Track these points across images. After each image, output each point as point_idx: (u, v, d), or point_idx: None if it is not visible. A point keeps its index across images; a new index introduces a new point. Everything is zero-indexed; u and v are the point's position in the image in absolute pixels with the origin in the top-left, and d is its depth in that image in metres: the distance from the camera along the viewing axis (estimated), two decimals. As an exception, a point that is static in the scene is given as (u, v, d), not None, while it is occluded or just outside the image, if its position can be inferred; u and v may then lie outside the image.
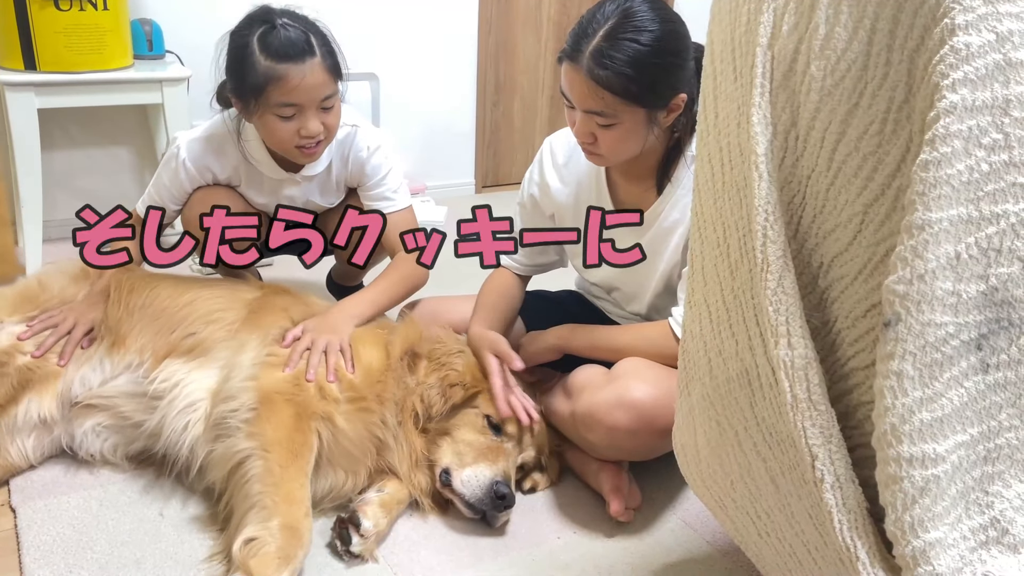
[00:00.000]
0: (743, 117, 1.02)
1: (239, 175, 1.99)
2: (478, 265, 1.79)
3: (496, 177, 4.17)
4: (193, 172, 1.94)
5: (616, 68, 1.49)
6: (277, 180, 2.00)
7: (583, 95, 1.55)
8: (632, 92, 1.51)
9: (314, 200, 2.07)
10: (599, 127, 1.58)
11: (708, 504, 1.30)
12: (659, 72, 1.52)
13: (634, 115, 1.56)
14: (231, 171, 1.98)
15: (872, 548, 0.89)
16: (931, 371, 0.83)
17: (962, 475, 0.86)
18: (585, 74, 1.51)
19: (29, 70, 2.56)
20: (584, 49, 1.51)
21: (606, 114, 1.55)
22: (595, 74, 1.50)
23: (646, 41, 1.50)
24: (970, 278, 0.82)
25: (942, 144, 0.79)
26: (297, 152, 1.84)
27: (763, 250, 0.97)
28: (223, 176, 1.97)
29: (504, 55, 3.97)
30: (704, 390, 1.16)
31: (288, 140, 1.80)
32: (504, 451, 1.69)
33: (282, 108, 1.76)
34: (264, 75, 1.72)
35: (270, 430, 1.52)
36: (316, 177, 2.02)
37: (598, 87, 1.51)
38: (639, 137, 1.60)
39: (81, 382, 1.73)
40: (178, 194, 1.98)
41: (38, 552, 1.51)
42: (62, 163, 3.08)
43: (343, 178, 2.05)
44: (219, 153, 1.95)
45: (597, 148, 1.62)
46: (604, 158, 1.65)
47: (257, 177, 1.99)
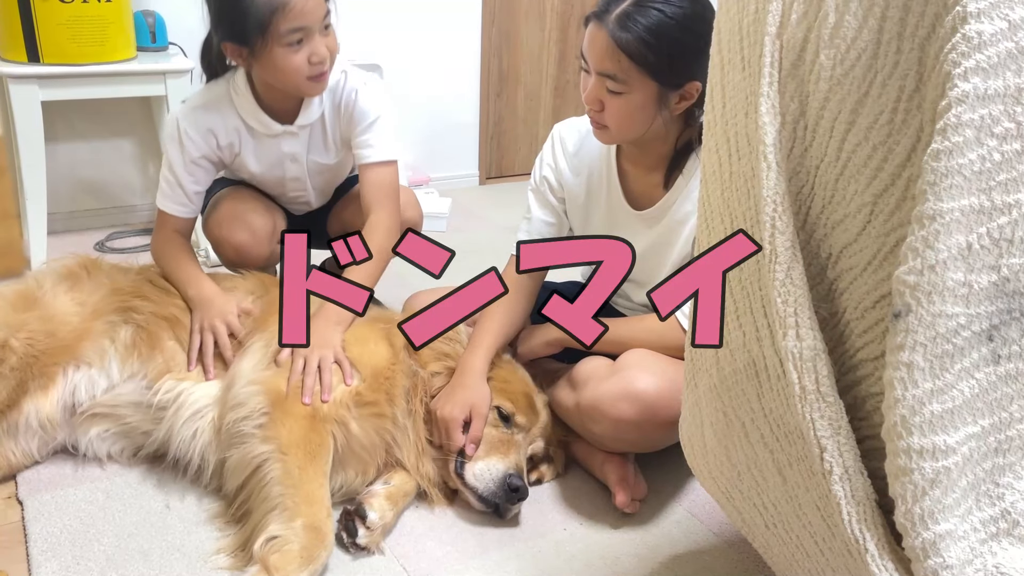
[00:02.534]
0: (751, 107, 1.01)
1: (239, 138, 1.97)
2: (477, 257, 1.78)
3: (500, 168, 4.16)
4: (196, 138, 1.92)
5: (637, 32, 1.51)
6: (274, 138, 1.97)
7: (600, 55, 1.56)
8: (648, 61, 1.52)
9: (316, 159, 2.03)
10: (609, 93, 1.58)
11: (714, 495, 1.30)
12: (678, 48, 1.53)
13: (645, 87, 1.56)
14: (232, 133, 1.96)
15: (881, 540, 0.89)
16: (941, 362, 0.82)
17: (972, 467, 0.85)
18: (607, 33, 1.53)
19: (32, 62, 2.56)
20: (612, 11, 1.54)
21: (618, 79, 1.56)
22: (616, 35, 1.52)
23: (672, 14, 1.52)
24: (981, 268, 0.81)
25: (953, 133, 0.79)
26: (309, 84, 1.83)
27: (771, 241, 0.96)
28: (224, 140, 1.95)
29: (507, 45, 3.95)
30: (711, 382, 1.15)
31: (301, 70, 1.79)
32: (515, 443, 1.69)
33: (291, 35, 1.75)
34: (267, 6, 1.71)
35: (285, 433, 1.52)
36: (312, 127, 1.98)
37: (616, 49, 1.53)
38: (646, 115, 1.60)
39: (85, 387, 1.71)
40: (190, 169, 1.94)
41: (45, 544, 1.51)
42: (66, 156, 3.08)
43: (337, 127, 2.01)
44: (217, 116, 1.94)
45: (603, 118, 1.63)
46: (609, 132, 1.65)
47: (255, 137, 1.97)
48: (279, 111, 1.94)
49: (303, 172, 2.04)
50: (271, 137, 1.97)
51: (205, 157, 1.94)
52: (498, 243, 2.12)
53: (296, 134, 1.97)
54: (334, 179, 2.16)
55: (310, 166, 2.04)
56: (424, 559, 1.54)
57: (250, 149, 1.98)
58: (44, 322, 1.71)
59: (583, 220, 1.88)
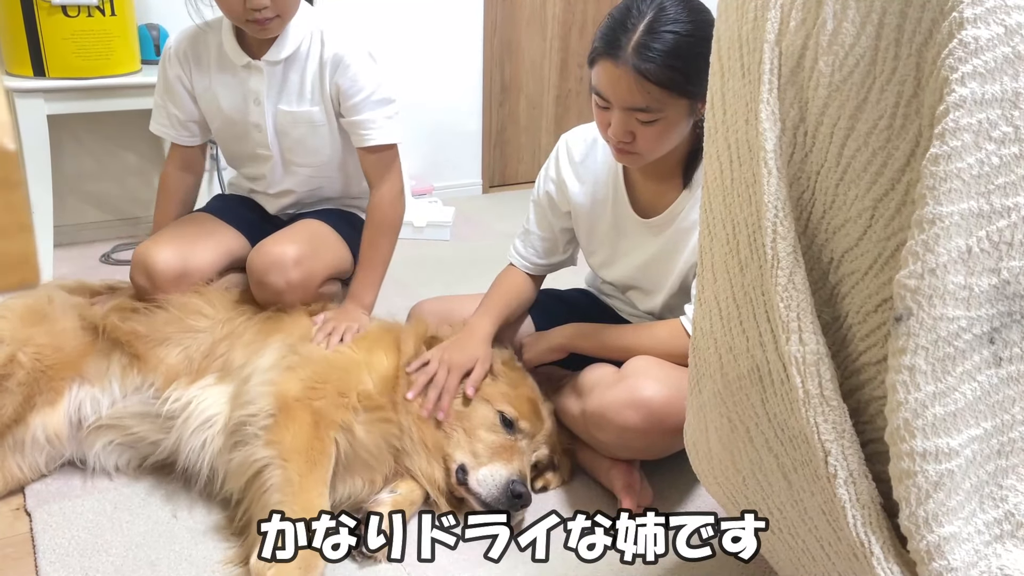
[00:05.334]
0: (751, 114, 1.02)
1: (212, 65, 2.01)
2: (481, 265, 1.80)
3: (503, 177, 4.17)
4: (174, 59, 2.02)
5: (661, 60, 1.48)
6: (244, 70, 1.98)
7: (627, 92, 1.52)
8: (678, 83, 1.51)
9: (284, 107, 2.00)
10: (640, 124, 1.56)
11: (720, 500, 1.30)
12: (702, 60, 1.52)
13: (677, 107, 1.55)
14: (211, 60, 2.00)
15: (886, 543, 0.89)
16: (944, 365, 0.83)
17: (976, 469, 0.86)
18: (630, 69, 1.50)
19: (38, 76, 2.58)
20: (624, 45, 1.50)
21: (651, 109, 1.53)
22: (641, 68, 1.49)
23: (686, 31, 1.50)
24: (982, 272, 0.81)
25: (952, 138, 0.79)
26: (249, 26, 1.87)
27: (773, 246, 0.97)
28: (200, 64, 2.01)
29: (509, 55, 3.97)
30: (715, 387, 1.16)
31: (235, 9, 1.83)
32: (519, 449, 1.69)
33: None
34: None
35: (288, 438, 1.52)
36: (280, 67, 1.97)
37: (645, 81, 1.50)
38: (679, 131, 1.60)
39: (91, 403, 1.72)
40: (168, 88, 2.05)
41: (54, 555, 1.52)
42: (72, 168, 3.10)
43: (316, 79, 1.98)
44: (199, 42, 2.01)
45: (635, 147, 1.60)
46: (640, 157, 1.62)
47: (227, 68, 2.00)
48: (251, 43, 1.97)
49: (263, 119, 2.01)
50: (240, 70, 1.98)
51: (179, 79, 2.02)
52: (501, 251, 2.12)
53: (261, 70, 1.97)
54: (304, 152, 2.08)
55: (277, 117, 2.02)
56: (430, 568, 1.54)
57: (220, 81, 2.01)
58: (52, 336, 1.72)
59: (589, 228, 1.89)
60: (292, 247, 1.90)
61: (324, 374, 1.64)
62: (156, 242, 1.94)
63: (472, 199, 4.00)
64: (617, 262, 1.87)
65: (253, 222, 2.15)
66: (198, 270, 1.92)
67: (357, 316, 1.88)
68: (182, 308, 1.83)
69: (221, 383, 1.71)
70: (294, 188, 2.15)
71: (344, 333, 1.79)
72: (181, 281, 1.89)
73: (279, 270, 1.86)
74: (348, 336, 1.79)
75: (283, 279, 1.86)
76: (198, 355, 1.75)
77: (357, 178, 2.20)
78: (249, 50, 1.97)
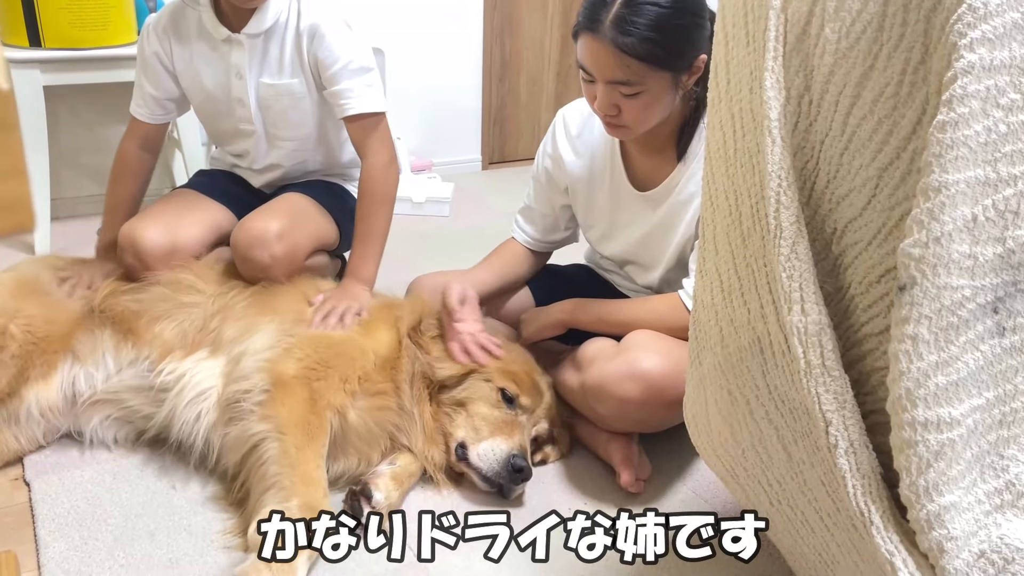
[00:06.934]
0: (755, 82, 1.01)
1: (193, 40, 1.99)
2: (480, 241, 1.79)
3: (502, 154, 4.15)
4: (153, 36, 2.00)
5: (640, 33, 1.47)
6: (225, 45, 1.96)
7: (607, 65, 1.52)
8: (658, 56, 1.50)
9: (265, 80, 1.99)
10: (624, 97, 1.55)
11: (719, 474, 1.30)
12: (682, 33, 1.51)
13: (660, 80, 1.54)
14: (191, 35, 1.99)
15: (886, 513, 0.89)
16: (946, 335, 0.82)
17: (977, 439, 0.85)
18: (608, 43, 1.49)
19: (34, 47, 2.56)
20: (603, 18, 1.49)
21: (632, 83, 1.53)
22: (619, 42, 1.48)
23: (665, 4, 1.48)
24: (987, 240, 0.81)
25: (959, 105, 0.78)
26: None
27: (776, 216, 0.96)
28: (181, 39, 1.99)
29: (509, 31, 3.94)
30: (715, 360, 1.15)
31: None
32: (519, 424, 1.69)
33: None
34: None
35: (284, 412, 1.52)
36: (260, 40, 1.96)
37: (623, 55, 1.49)
38: (665, 103, 1.59)
39: (85, 377, 1.72)
40: (146, 65, 2.03)
41: (53, 524, 1.52)
42: (68, 141, 3.07)
43: (294, 50, 1.96)
44: (180, 17, 1.99)
45: (621, 120, 1.60)
46: (629, 130, 1.63)
47: (208, 43, 1.98)
48: (230, 17, 1.95)
49: (246, 94, 2.00)
50: (221, 44, 1.97)
51: (156, 56, 2.00)
52: (501, 228, 2.12)
53: (242, 44, 1.96)
54: (288, 125, 2.07)
55: (260, 90, 2.00)
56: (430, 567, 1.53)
57: (201, 56, 1.99)
58: (43, 308, 1.72)
59: (587, 202, 1.88)
60: (275, 222, 1.90)
61: (327, 358, 1.63)
62: (142, 220, 1.93)
63: (471, 175, 3.98)
64: (615, 236, 1.86)
65: (238, 196, 2.14)
66: (186, 246, 1.91)
67: (357, 294, 1.85)
68: (174, 285, 1.82)
69: (214, 356, 1.70)
70: (279, 162, 2.14)
71: (344, 314, 1.76)
72: (170, 258, 1.88)
73: (263, 245, 1.86)
74: (349, 318, 1.76)
75: (267, 254, 1.86)
76: (192, 329, 1.75)
77: (340, 149, 2.19)
78: (228, 24, 1.95)
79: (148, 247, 1.86)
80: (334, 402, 1.58)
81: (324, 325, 1.73)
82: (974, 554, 0.84)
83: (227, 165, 2.25)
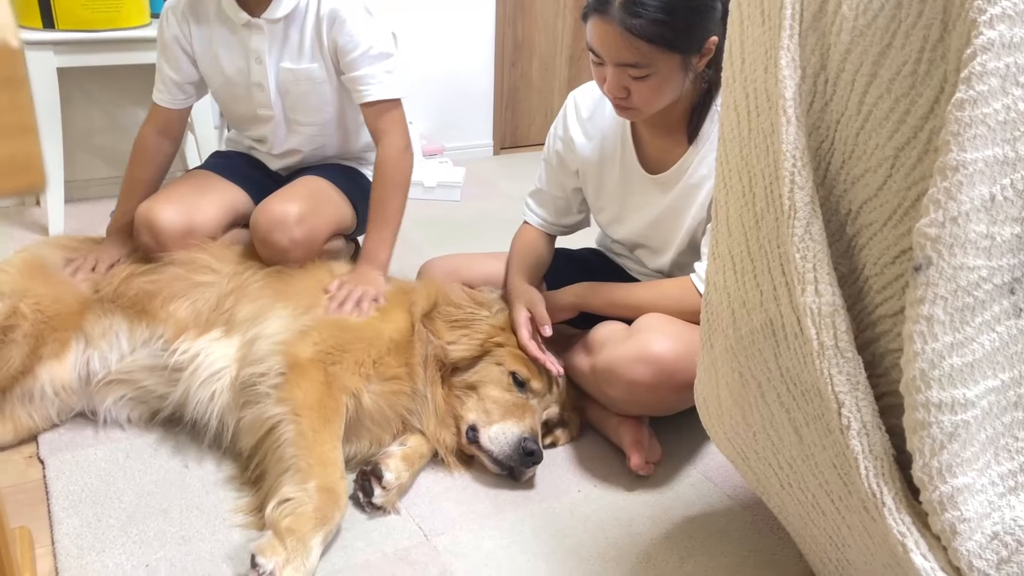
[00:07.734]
0: (771, 61, 1.00)
1: (212, 24, 1.98)
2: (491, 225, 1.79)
3: (514, 138, 4.14)
4: (172, 20, 1.99)
5: (650, 15, 1.46)
6: (244, 29, 1.96)
7: (616, 48, 1.51)
8: (667, 38, 1.49)
9: (285, 64, 1.99)
10: (633, 80, 1.55)
11: (729, 456, 1.30)
12: (692, 14, 1.49)
13: (669, 62, 1.53)
14: (210, 19, 1.98)
15: (898, 494, 0.89)
16: (962, 316, 0.82)
17: (992, 421, 0.85)
18: (617, 25, 1.48)
19: (48, 29, 2.56)
20: (613, 1, 1.48)
21: (640, 65, 1.52)
22: (628, 24, 1.47)
23: None
24: (1004, 220, 0.80)
25: (978, 82, 0.77)
26: None
27: (790, 196, 0.96)
28: (200, 22, 1.99)
29: (522, 14, 3.92)
30: (727, 342, 1.15)
31: None
32: (530, 408, 1.69)
33: None
34: None
35: (300, 395, 1.53)
36: (280, 24, 1.95)
37: (632, 37, 1.48)
38: (675, 85, 1.58)
39: (99, 359, 1.73)
40: (166, 49, 2.02)
41: (67, 501, 1.54)
42: (81, 123, 3.08)
43: (314, 35, 1.96)
44: (198, 2, 1.98)
45: (630, 102, 1.59)
46: (638, 111, 1.62)
47: (227, 27, 1.98)
48: (250, 1, 1.94)
49: (266, 78, 2.00)
50: (240, 28, 1.96)
51: (176, 40, 2.00)
52: (512, 213, 2.11)
53: (262, 28, 1.95)
54: (307, 110, 2.07)
55: (279, 75, 2.00)
56: (440, 519, 1.55)
57: (221, 40, 1.99)
58: (50, 287, 1.74)
59: (597, 185, 1.87)
60: (295, 205, 1.90)
61: (342, 342, 1.64)
62: (159, 200, 1.93)
63: (483, 160, 3.97)
64: (626, 219, 1.86)
65: (255, 178, 2.14)
66: (203, 227, 1.92)
67: (372, 278, 1.85)
68: (189, 264, 1.83)
69: (227, 336, 1.71)
70: (298, 147, 2.14)
71: (361, 299, 1.76)
72: (186, 238, 1.88)
73: (283, 228, 1.86)
74: (365, 304, 1.75)
75: (287, 237, 1.86)
76: (206, 308, 1.75)
77: (357, 133, 2.18)
78: (248, 8, 1.94)
79: (165, 227, 1.86)
80: (349, 385, 1.58)
81: (341, 311, 1.73)
82: (987, 536, 0.84)
83: (244, 147, 2.25)
